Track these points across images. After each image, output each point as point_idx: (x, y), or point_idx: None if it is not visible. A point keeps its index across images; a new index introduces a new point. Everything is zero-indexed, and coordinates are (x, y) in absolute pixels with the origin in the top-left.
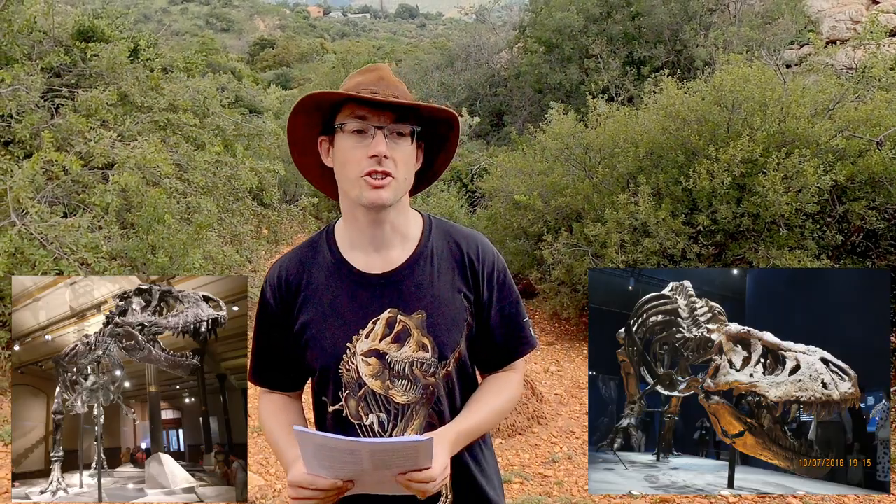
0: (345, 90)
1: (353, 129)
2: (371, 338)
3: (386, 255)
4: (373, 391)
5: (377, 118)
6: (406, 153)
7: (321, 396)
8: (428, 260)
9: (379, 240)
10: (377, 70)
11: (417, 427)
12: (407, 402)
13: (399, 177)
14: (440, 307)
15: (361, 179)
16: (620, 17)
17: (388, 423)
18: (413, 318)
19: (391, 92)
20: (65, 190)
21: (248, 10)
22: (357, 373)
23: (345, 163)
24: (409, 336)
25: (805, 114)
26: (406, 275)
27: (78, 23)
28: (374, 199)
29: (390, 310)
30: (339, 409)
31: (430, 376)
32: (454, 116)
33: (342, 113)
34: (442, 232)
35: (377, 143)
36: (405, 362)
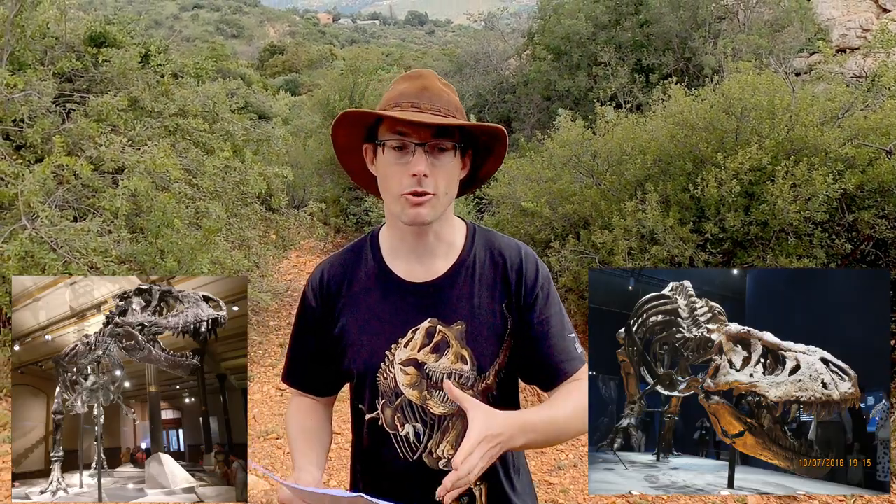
0: (388, 98)
1: (394, 145)
2: (410, 347)
3: (428, 264)
4: (409, 401)
5: (418, 135)
6: (448, 168)
7: (358, 404)
8: (470, 270)
9: (422, 249)
10: (421, 78)
11: (453, 439)
12: (444, 414)
13: (440, 192)
14: (480, 318)
15: (402, 197)
16: (629, 24)
17: (423, 434)
18: (453, 328)
19: (434, 104)
20: (75, 194)
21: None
22: (394, 381)
23: (385, 178)
24: (448, 347)
25: (814, 122)
26: (447, 285)
27: (90, 28)
28: (413, 217)
29: (430, 319)
30: (374, 418)
31: (468, 389)
32: (501, 132)
33: (383, 126)
34: (485, 241)
35: (416, 163)
36: (443, 373)
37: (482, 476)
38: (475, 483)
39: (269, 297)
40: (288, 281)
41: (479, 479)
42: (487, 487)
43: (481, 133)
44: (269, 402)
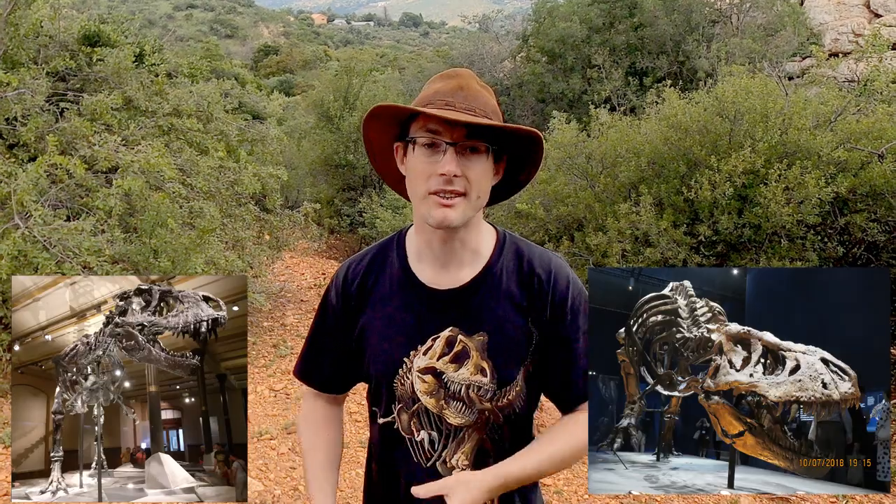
0: (422, 96)
1: (425, 143)
2: (429, 355)
3: (454, 271)
4: (426, 408)
5: (450, 134)
6: (480, 170)
7: (373, 406)
8: (495, 280)
9: (447, 255)
10: (457, 77)
11: (469, 450)
12: (460, 425)
13: (472, 195)
14: (503, 331)
15: (430, 197)
16: (623, 27)
17: (438, 443)
18: (474, 339)
19: (469, 104)
20: (68, 193)
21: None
22: (412, 388)
23: (415, 177)
24: (468, 358)
25: (807, 126)
26: (470, 294)
27: (84, 27)
28: (440, 219)
29: (451, 328)
30: (389, 422)
31: (486, 401)
32: (538, 136)
33: (416, 123)
34: (515, 250)
35: (447, 162)
36: (462, 384)
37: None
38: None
39: (262, 297)
40: (282, 282)
41: None
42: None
43: (516, 137)
44: (263, 402)
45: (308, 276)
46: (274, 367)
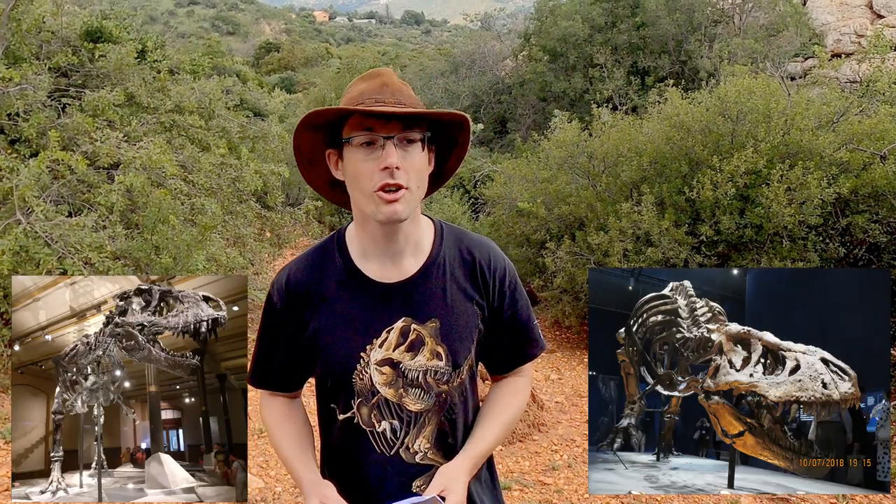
0: (348, 99)
1: (362, 141)
2: (385, 347)
3: (399, 264)
4: (386, 399)
5: (385, 129)
6: (417, 161)
7: (330, 404)
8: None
9: (392, 249)
10: (380, 76)
11: (429, 434)
12: (420, 410)
13: (412, 186)
14: (453, 315)
15: (375, 195)
16: (625, 27)
17: (400, 431)
18: (427, 326)
19: (396, 99)
20: (70, 189)
21: (254, 14)
22: (370, 381)
23: (356, 177)
24: (423, 345)
25: (809, 126)
26: (419, 283)
27: (86, 23)
28: (389, 214)
29: (404, 319)
30: (350, 417)
31: (443, 384)
32: (465, 118)
33: (349, 125)
34: (454, 239)
35: (388, 155)
36: (419, 371)
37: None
38: None
39: (263, 294)
40: None
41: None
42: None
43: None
44: None
45: None
46: None
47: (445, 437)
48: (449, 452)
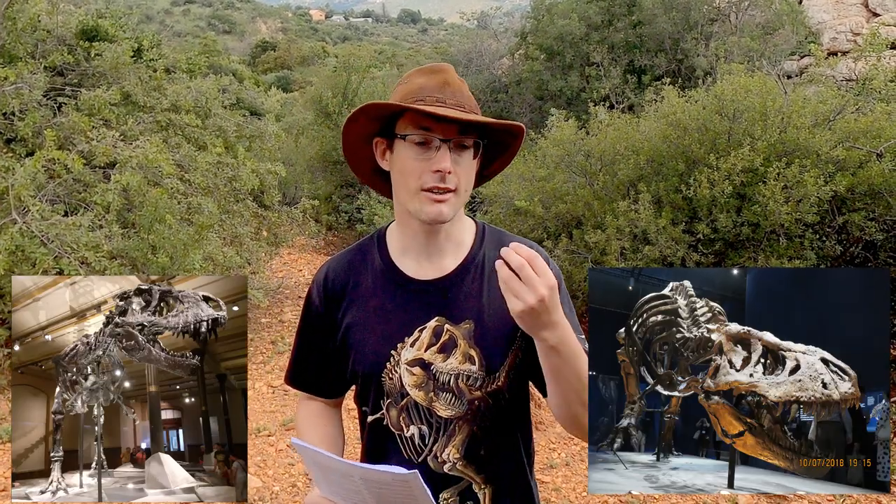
0: (406, 91)
1: (417, 140)
2: (416, 346)
3: (438, 263)
4: (415, 402)
5: (442, 130)
6: (468, 166)
7: (363, 406)
8: (479, 268)
9: (432, 247)
10: (441, 72)
11: (459, 443)
12: (450, 416)
13: (461, 190)
14: (489, 318)
15: (422, 193)
16: (622, 25)
17: (428, 437)
18: (461, 327)
19: (457, 100)
20: (66, 188)
21: (250, 13)
22: (400, 382)
23: (405, 173)
24: (455, 347)
25: (806, 124)
26: (455, 283)
27: (81, 22)
28: (434, 215)
29: (437, 318)
30: (379, 419)
31: (476, 390)
32: (522, 129)
33: (404, 120)
34: (495, 240)
35: (441, 159)
36: (450, 374)
37: (487, 479)
38: (480, 486)
39: (261, 294)
40: (280, 278)
41: (485, 481)
42: (492, 491)
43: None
44: (261, 399)
45: (306, 273)
46: (272, 364)
47: (477, 447)
48: (481, 466)
